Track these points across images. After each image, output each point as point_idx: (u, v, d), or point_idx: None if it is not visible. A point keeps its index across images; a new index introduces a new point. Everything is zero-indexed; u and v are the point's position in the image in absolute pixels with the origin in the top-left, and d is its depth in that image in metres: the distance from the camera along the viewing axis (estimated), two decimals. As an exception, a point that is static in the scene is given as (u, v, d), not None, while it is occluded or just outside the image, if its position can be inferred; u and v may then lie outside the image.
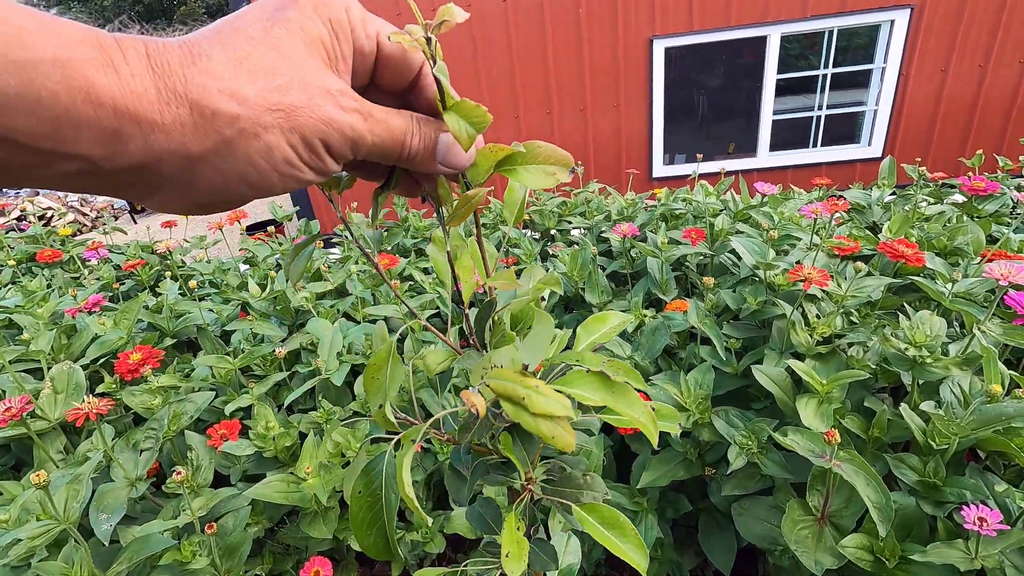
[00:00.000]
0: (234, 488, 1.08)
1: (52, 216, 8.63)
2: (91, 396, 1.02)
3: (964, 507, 0.70)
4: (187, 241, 2.36)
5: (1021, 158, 1.97)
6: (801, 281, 0.96)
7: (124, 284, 1.95)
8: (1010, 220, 1.62)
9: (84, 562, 0.88)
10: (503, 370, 0.31)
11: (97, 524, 0.94)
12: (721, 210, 1.64)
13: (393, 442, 0.37)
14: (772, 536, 0.99)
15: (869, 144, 4.24)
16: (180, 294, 1.76)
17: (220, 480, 1.22)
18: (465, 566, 0.46)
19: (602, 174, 4.37)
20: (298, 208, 4.44)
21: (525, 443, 0.40)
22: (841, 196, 1.58)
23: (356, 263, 1.74)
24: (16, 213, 8.76)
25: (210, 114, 0.24)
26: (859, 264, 1.00)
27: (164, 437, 1.14)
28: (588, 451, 1.03)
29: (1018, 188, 1.77)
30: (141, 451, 1.11)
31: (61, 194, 10.15)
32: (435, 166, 0.32)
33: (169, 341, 1.58)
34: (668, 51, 4.08)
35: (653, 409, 0.42)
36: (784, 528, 0.84)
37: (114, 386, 1.29)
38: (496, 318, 0.40)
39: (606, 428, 1.30)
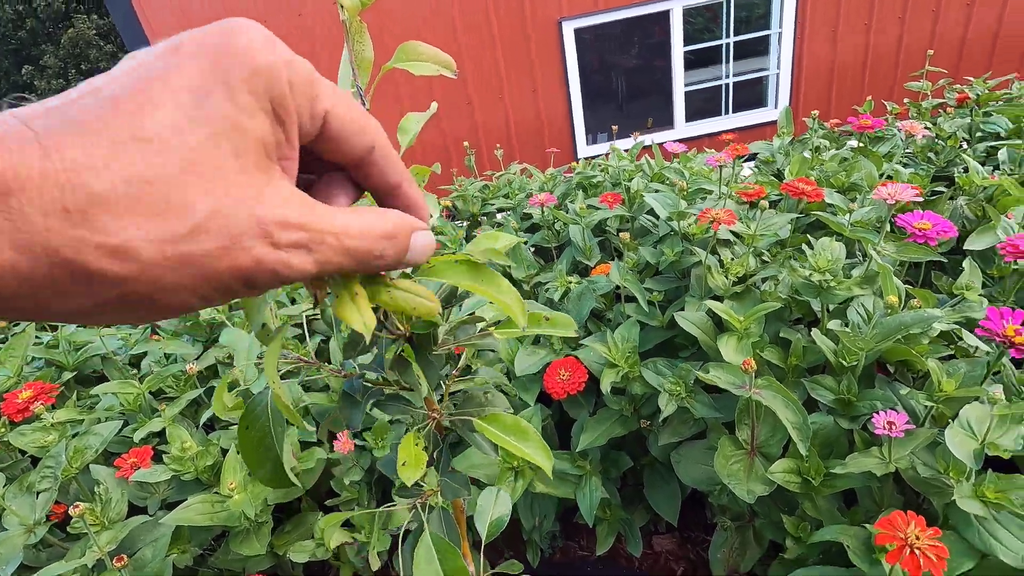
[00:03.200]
0: (146, 516, 0.99)
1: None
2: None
3: (874, 415, 0.72)
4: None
5: (906, 100, 2.11)
6: (710, 223, 0.97)
7: (18, 325, 1.77)
8: (903, 160, 1.72)
9: (-28, 623, 0.78)
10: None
11: (-13, 579, 0.84)
12: (637, 174, 1.66)
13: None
14: (710, 477, 1.00)
15: (776, 106, 4.44)
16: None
17: (137, 512, 1.12)
18: (384, 508, 0.43)
19: (527, 158, 4.37)
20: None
21: (422, 358, 0.37)
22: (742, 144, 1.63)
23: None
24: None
25: (86, 277, 0.18)
26: (763, 202, 1.02)
27: (64, 475, 1.03)
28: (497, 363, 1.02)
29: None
30: (38, 493, 1.00)
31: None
32: (397, 267, 0.26)
33: (68, 375, 1.44)
34: (578, 32, 4.13)
35: (547, 319, 0.40)
36: (717, 464, 0.85)
37: (2, 429, 1.16)
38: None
39: (544, 399, 1.29)
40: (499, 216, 2.01)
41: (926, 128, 1.64)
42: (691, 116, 4.55)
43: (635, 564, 1.32)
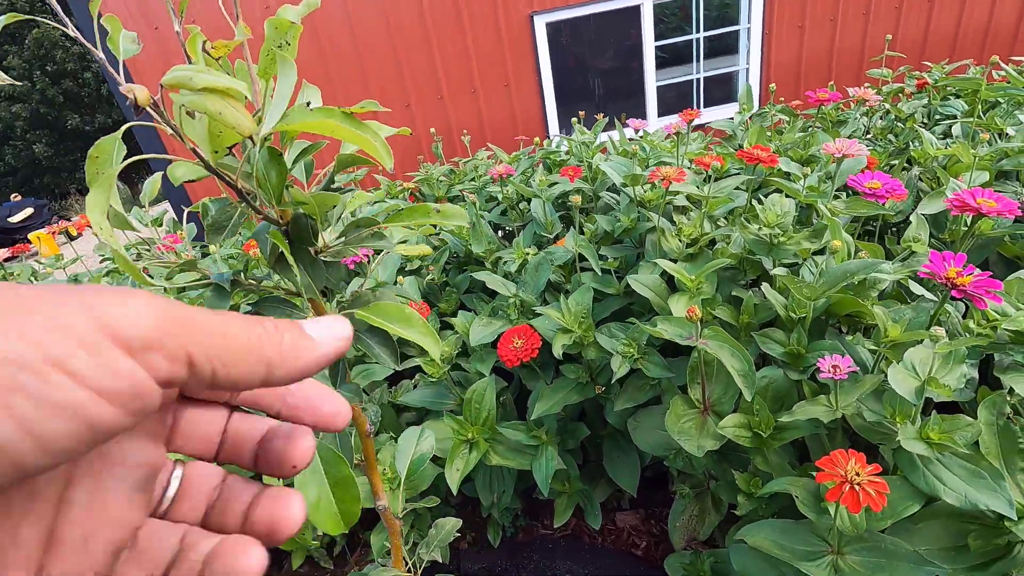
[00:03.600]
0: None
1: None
2: None
3: (819, 360, 0.71)
4: (40, 263, 2.11)
5: (867, 85, 2.14)
6: (661, 181, 0.95)
7: None
8: (864, 141, 1.74)
9: None
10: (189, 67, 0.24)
11: None
12: (599, 151, 1.65)
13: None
14: (667, 442, 0.98)
15: (746, 101, 4.50)
16: None
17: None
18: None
19: (501, 154, 4.37)
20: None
21: (302, 254, 0.34)
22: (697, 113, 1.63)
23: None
24: None
25: None
26: (716, 163, 1.01)
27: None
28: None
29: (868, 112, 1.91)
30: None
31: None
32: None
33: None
34: (550, 26, 4.13)
35: (437, 210, 0.37)
36: (668, 423, 0.83)
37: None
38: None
39: (503, 374, 1.26)
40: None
41: (882, 101, 1.66)
42: (663, 111, 4.58)
43: (598, 541, 1.29)
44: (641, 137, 1.61)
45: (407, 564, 0.56)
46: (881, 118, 1.94)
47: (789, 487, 0.73)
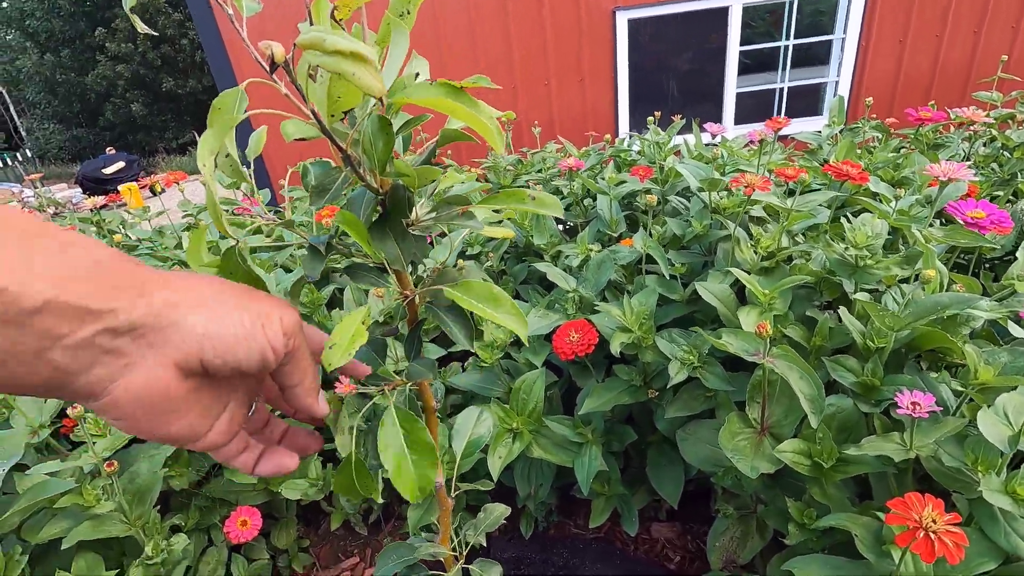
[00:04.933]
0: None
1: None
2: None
3: (897, 395, 0.67)
4: (129, 212, 2.25)
5: (973, 108, 1.98)
6: (743, 189, 0.92)
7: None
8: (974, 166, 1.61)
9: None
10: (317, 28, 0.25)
11: (-13, 468, 0.86)
12: (672, 153, 1.61)
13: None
14: (716, 458, 0.95)
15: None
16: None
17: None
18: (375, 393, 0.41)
19: (568, 149, 4.33)
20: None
21: (395, 225, 0.35)
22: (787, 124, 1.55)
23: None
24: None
25: None
26: (803, 175, 0.97)
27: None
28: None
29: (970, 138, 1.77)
30: (45, 399, 1.03)
31: (16, 189, 9.74)
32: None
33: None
34: (632, 23, 4.05)
35: (533, 198, 0.37)
36: (722, 439, 0.80)
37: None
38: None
39: (553, 369, 1.26)
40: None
41: (990, 127, 1.53)
42: (740, 119, 4.41)
43: (631, 549, 1.27)
44: (720, 143, 1.56)
45: (452, 543, 0.56)
46: (984, 145, 1.79)
47: (848, 524, 0.69)
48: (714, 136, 1.58)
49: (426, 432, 0.36)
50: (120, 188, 9.14)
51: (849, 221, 0.90)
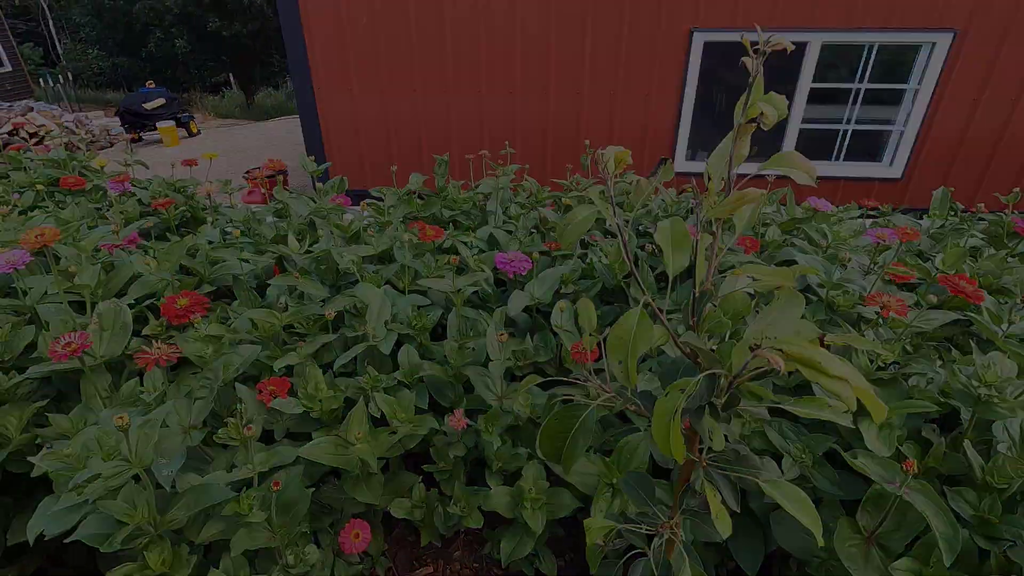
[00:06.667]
0: (288, 445, 1.09)
1: (43, 135, 8.39)
2: (157, 342, 1.01)
3: (1027, 546, 0.73)
4: (210, 182, 2.31)
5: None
6: (880, 308, 0.97)
7: (143, 220, 1.90)
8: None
9: (148, 505, 0.88)
10: (791, 337, 0.33)
11: (157, 469, 0.94)
12: (771, 221, 1.65)
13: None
14: (808, 548, 1.02)
15: (891, 164, 4.26)
16: (209, 241, 1.74)
17: (264, 436, 1.22)
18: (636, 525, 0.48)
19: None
20: (331, 164, 4.36)
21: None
22: (890, 223, 1.59)
23: (402, 228, 1.72)
24: (7, 127, 8.50)
25: None
26: (931, 297, 1.02)
27: (216, 388, 1.14)
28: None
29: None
30: (195, 399, 1.11)
31: (56, 112, 9.82)
32: None
33: (207, 288, 1.56)
34: (708, 45, 4.03)
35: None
36: (837, 543, 0.87)
37: (159, 329, 1.28)
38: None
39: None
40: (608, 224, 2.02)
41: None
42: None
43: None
44: (814, 217, 1.60)
45: None
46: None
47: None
48: (814, 211, 1.62)
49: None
50: (158, 126, 9.23)
51: (964, 353, 0.96)
